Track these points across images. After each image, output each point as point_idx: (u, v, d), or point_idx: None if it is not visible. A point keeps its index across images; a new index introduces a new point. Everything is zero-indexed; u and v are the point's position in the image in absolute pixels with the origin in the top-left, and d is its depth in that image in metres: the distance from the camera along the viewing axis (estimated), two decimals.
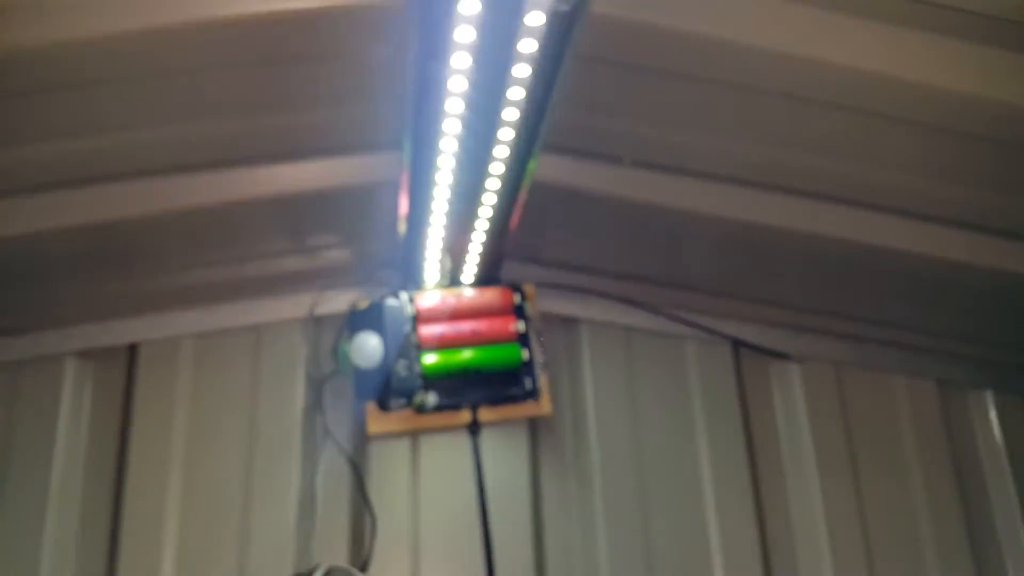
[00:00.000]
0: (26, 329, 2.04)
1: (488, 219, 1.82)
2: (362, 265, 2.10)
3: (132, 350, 2.08)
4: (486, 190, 1.69)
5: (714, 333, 2.28)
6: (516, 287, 2.08)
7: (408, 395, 1.94)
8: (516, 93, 1.38)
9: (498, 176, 1.65)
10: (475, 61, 1.28)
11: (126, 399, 2.04)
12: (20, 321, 2.03)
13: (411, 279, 2.09)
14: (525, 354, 2.02)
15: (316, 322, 2.11)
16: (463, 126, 1.47)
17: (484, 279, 2.10)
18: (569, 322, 2.22)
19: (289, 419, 2.02)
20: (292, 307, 2.10)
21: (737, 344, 2.30)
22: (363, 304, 2.01)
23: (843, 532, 2.13)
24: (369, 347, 1.91)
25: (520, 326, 2.04)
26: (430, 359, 1.99)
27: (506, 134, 1.50)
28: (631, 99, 1.75)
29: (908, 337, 2.32)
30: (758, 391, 2.28)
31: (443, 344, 2.00)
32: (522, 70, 1.32)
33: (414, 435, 2.04)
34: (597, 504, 2.06)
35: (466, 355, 2.00)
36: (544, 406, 2.06)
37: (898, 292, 2.25)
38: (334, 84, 1.63)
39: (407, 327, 1.98)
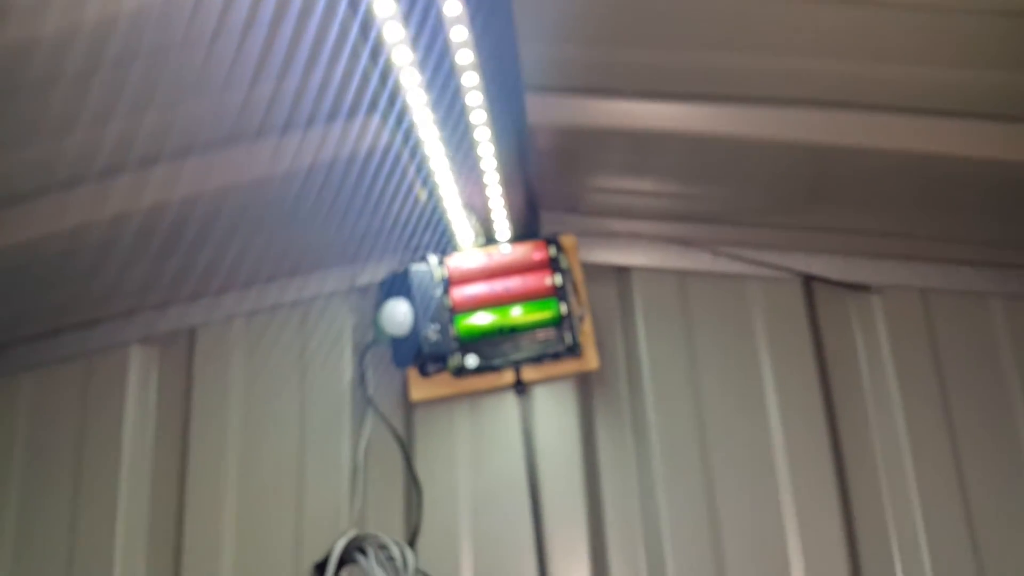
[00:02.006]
0: (94, 322, 2.11)
1: (496, 170, 1.71)
2: (399, 232, 2.04)
3: (191, 334, 2.12)
4: (476, 141, 1.58)
5: (781, 269, 2.06)
6: (551, 239, 1.95)
7: (443, 359, 1.87)
8: (459, 33, 1.26)
9: (484, 124, 1.54)
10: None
11: (188, 382, 2.08)
12: (88, 314, 2.11)
13: (446, 242, 2.00)
14: (562, 308, 1.90)
15: (361, 292, 2.07)
16: (422, 76, 1.36)
17: (522, 234, 1.99)
18: (619, 271, 2.08)
19: (338, 391, 2.00)
20: (337, 279, 2.07)
21: (808, 279, 2.07)
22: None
23: (933, 476, 1.88)
24: (398, 314, 1.85)
25: (556, 280, 1.91)
26: (466, 321, 1.90)
27: (469, 79, 1.38)
28: (658, 26, 1.58)
29: (1007, 255, 2.01)
30: (834, 329, 2.04)
31: (477, 305, 1.91)
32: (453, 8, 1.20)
33: (459, 399, 1.97)
34: (656, 461, 1.91)
35: (501, 314, 1.90)
36: (589, 361, 1.93)
37: (991, 206, 1.95)
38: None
39: (438, 291, 1.90)
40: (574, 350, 1.89)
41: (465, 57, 1.33)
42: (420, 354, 1.84)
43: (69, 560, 1.96)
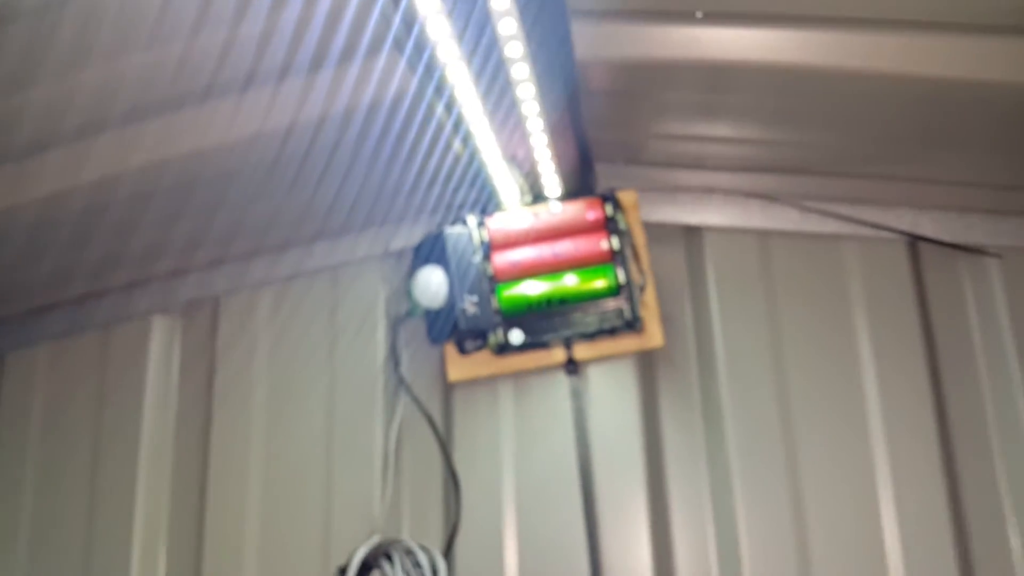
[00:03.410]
0: (112, 290, 1.92)
1: (540, 115, 1.42)
2: (435, 190, 1.78)
3: (215, 303, 1.91)
4: (514, 80, 1.29)
5: (883, 228, 1.72)
6: (607, 196, 1.66)
7: (483, 335, 1.61)
8: None
9: (523, 59, 1.25)
10: None
11: (212, 356, 1.88)
12: (106, 282, 1.92)
13: (488, 200, 1.73)
14: (620, 276, 1.61)
15: (395, 258, 1.82)
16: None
17: (574, 191, 1.70)
18: (688, 232, 1.77)
19: (370, 369, 1.77)
20: (368, 243, 1.83)
21: (915, 240, 1.73)
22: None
23: None
24: (432, 285, 1.60)
25: (612, 243, 1.62)
26: (509, 291, 1.63)
27: (500, 3, 1.10)
28: None
29: None
30: (944, 298, 1.71)
31: (522, 272, 1.64)
32: None
33: (503, 379, 1.71)
34: (731, 451, 1.63)
35: (550, 283, 1.63)
36: (652, 337, 1.64)
37: None
38: None
39: (476, 257, 1.63)
40: (634, 324, 1.60)
41: None
42: (456, 329, 1.58)
43: (87, 547, 1.80)
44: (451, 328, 1.59)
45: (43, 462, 1.89)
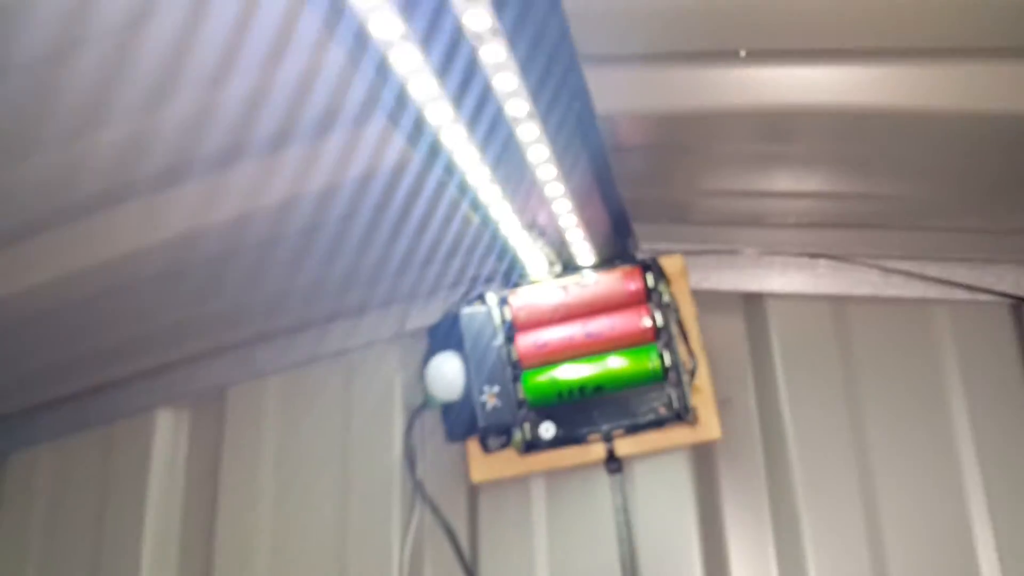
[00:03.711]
0: (114, 383, 1.76)
1: (558, 179, 1.20)
2: (452, 263, 1.57)
3: (221, 393, 1.73)
4: (524, 143, 1.08)
5: (979, 290, 1.45)
6: (648, 264, 1.43)
7: (507, 430, 1.39)
8: None
9: (528, 118, 1.04)
10: None
11: (218, 449, 1.70)
12: (111, 375, 1.76)
13: (512, 273, 1.52)
14: (666, 358, 1.37)
15: (412, 339, 1.62)
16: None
17: (611, 258, 1.48)
18: (748, 300, 1.53)
19: (386, 464, 1.56)
20: (381, 323, 1.63)
21: (1019, 301, 1.45)
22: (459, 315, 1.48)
23: None
24: (446, 374, 1.39)
25: (656, 318, 1.39)
26: (536, 378, 1.41)
27: (496, 54, 0.89)
28: None
29: None
30: None
31: (550, 356, 1.41)
32: None
33: (535, 478, 1.48)
34: (808, 553, 1.37)
35: (584, 368, 1.39)
36: (708, 428, 1.39)
37: None
38: None
39: (497, 340, 1.41)
40: (684, 415, 1.36)
41: (484, 23, 0.84)
42: (476, 426, 1.36)
43: None
44: (469, 424, 1.37)
45: (44, 564, 1.74)
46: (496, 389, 1.38)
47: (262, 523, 1.60)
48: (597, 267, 1.47)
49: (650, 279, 1.41)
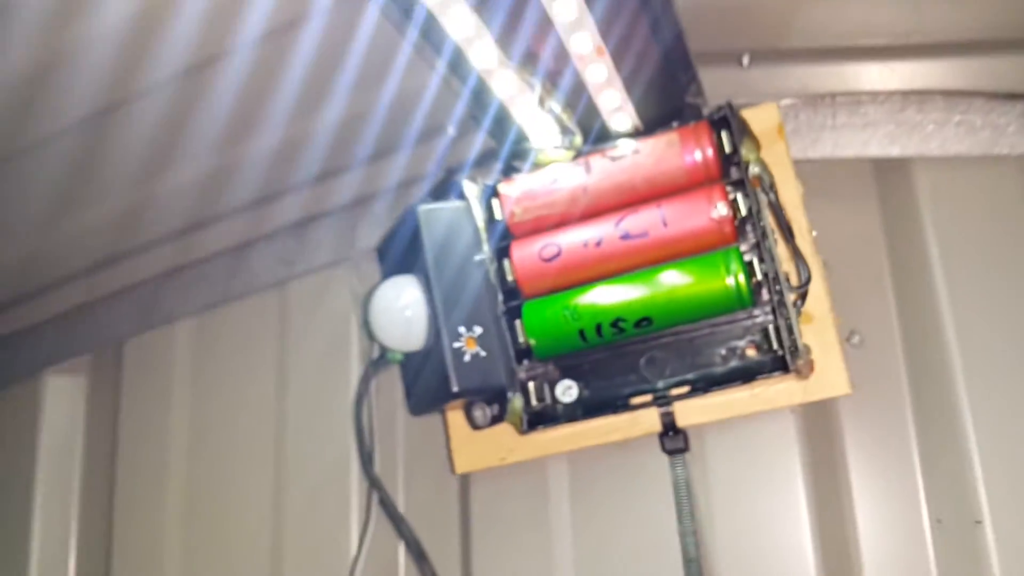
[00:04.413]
0: None
1: None
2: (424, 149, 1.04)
3: (119, 348, 1.24)
4: None
5: None
6: (720, 118, 0.85)
7: (497, 395, 0.85)
8: None
9: None
10: None
11: (115, 413, 1.21)
12: None
13: (514, 154, 0.97)
14: (758, 268, 0.81)
15: (369, 260, 1.09)
16: None
17: (660, 116, 0.91)
18: (884, 170, 0.95)
19: (339, 438, 1.05)
20: (326, 242, 1.10)
21: None
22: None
23: None
24: (397, 310, 0.85)
25: (737, 204, 0.82)
26: (545, 312, 0.87)
27: None
28: None
29: None
30: None
31: (565, 276, 0.87)
32: None
33: (553, 464, 0.95)
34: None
35: (619, 292, 0.84)
36: (829, 380, 0.84)
37: None
38: None
39: (479, 252, 0.87)
40: (790, 360, 0.80)
41: None
42: (447, 390, 0.83)
43: None
44: (438, 388, 0.84)
45: None
46: (479, 331, 0.84)
47: (169, 520, 1.12)
48: (638, 132, 0.91)
49: (726, 142, 0.84)
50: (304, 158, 1.02)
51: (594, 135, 0.93)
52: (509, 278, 0.88)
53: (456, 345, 0.83)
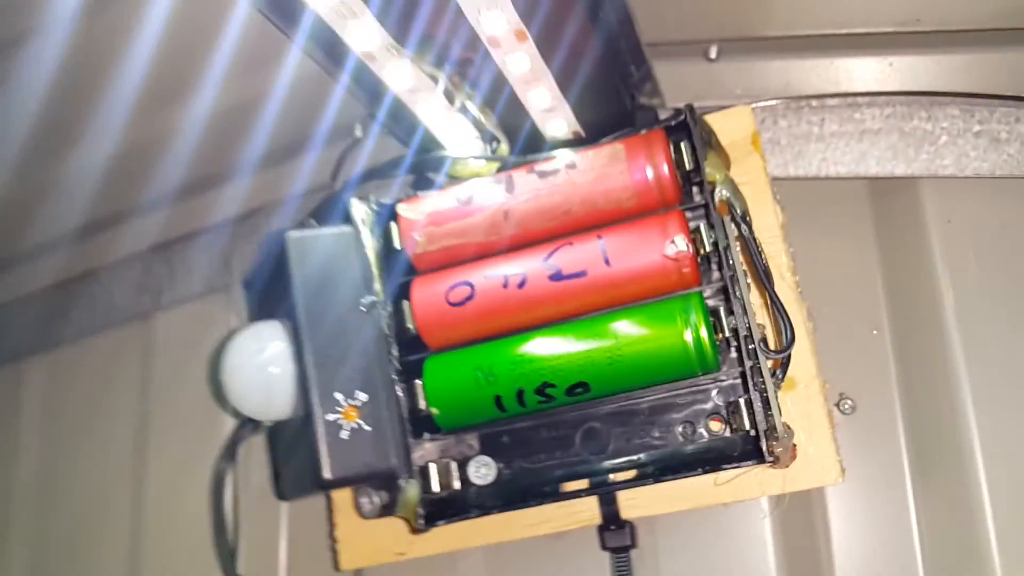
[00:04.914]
0: None
1: None
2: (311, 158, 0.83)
3: None
4: None
5: None
6: (681, 122, 0.65)
7: (387, 479, 0.65)
8: None
9: None
10: None
11: None
12: None
13: (423, 165, 0.76)
14: (726, 320, 0.61)
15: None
16: None
17: (607, 119, 0.71)
18: (881, 188, 0.75)
19: (206, 519, 0.83)
20: (194, 270, 0.89)
21: None
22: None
23: None
24: (255, 369, 0.64)
25: (701, 235, 0.62)
26: (452, 366, 0.66)
27: None
28: None
29: None
30: None
31: (479, 323, 0.66)
32: None
33: (466, 558, 0.75)
34: None
35: (549, 345, 0.64)
36: (813, 468, 0.64)
37: None
38: None
39: (367, 292, 0.67)
40: (764, 446, 0.60)
41: None
42: (318, 478, 0.62)
43: None
44: (310, 474, 0.63)
45: None
46: (363, 398, 0.63)
47: None
48: (582, 141, 0.71)
49: (686, 156, 0.64)
50: (165, 164, 0.81)
51: (522, 142, 0.73)
52: (408, 325, 0.67)
53: (331, 417, 0.62)
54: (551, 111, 0.70)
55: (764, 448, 0.59)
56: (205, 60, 0.71)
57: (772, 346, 0.61)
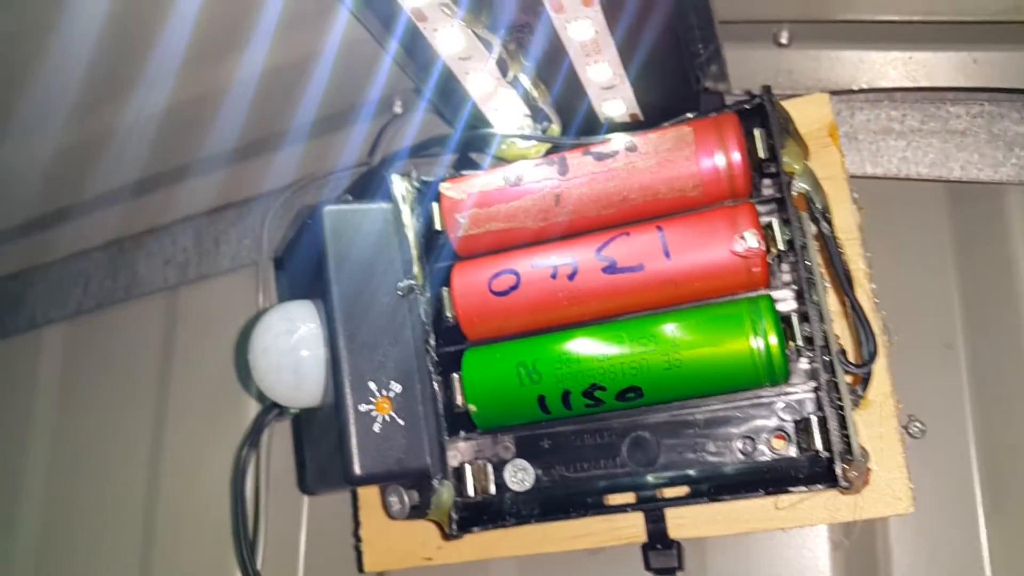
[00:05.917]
0: None
1: None
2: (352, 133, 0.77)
3: None
4: None
5: None
6: (750, 108, 0.58)
7: (419, 479, 0.58)
8: None
9: None
10: None
11: None
12: None
13: (469, 143, 0.70)
14: (798, 328, 0.54)
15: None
16: None
17: (670, 103, 0.64)
18: (962, 193, 0.68)
19: (223, 507, 0.77)
20: (223, 246, 0.83)
21: None
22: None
23: None
24: (285, 352, 0.58)
25: (774, 233, 0.55)
26: (490, 363, 0.60)
27: None
28: None
29: None
30: None
31: (522, 318, 0.60)
32: None
33: (494, 568, 0.68)
34: None
35: (597, 347, 0.57)
36: (885, 496, 0.57)
37: None
38: None
39: (403, 277, 0.60)
40: (837, 469, 0.52)
41: None
42: (347, 473, 0.55)
43: None
44: (338, 469, 0.57)
45: None
46: (396, 389, 0.57)
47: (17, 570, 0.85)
48: (640, 124, 0.64)
49: (760, 143, 0.57)
50: (205, 129, 0.75)
51: (578, 123, 0.66)
52: (447, 314, 0.61)
53: (363, 408, 0.56)
54: (610, 89, 0.63)
55: (839, 472, 0.52)
56: (253, 16, 0.65)
57: (852, 359, 0.54)
